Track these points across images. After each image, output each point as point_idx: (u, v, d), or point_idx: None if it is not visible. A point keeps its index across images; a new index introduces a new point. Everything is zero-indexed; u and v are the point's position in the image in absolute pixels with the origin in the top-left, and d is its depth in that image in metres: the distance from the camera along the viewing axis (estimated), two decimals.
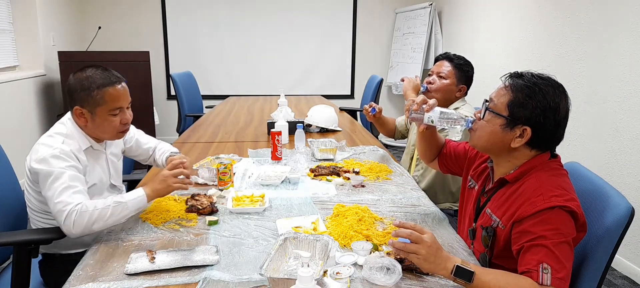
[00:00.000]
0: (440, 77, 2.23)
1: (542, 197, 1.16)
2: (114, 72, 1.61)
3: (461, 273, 1.10)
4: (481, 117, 1.31)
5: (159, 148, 1.97)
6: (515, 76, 1.27)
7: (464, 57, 2.28)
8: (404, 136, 2.65)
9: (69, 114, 1.64)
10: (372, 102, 2.43)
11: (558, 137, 1.26)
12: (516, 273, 1.14)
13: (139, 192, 1.48)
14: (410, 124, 2.51)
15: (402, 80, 2.32)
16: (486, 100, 1.32)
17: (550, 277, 1.09)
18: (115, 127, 1.61)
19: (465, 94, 2.27)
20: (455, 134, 1.93)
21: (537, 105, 1.21)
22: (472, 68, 2.27)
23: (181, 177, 1.54)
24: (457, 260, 1.12)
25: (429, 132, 1.64)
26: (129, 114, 1.64)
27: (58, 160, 1.47)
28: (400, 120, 2.63)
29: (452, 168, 1.69)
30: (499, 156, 1.33)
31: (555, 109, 1.22)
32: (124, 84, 1.62)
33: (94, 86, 1.54)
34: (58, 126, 1.61)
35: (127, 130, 1.68)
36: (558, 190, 1.17)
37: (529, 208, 1.17)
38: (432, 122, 1.47)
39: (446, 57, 2.27)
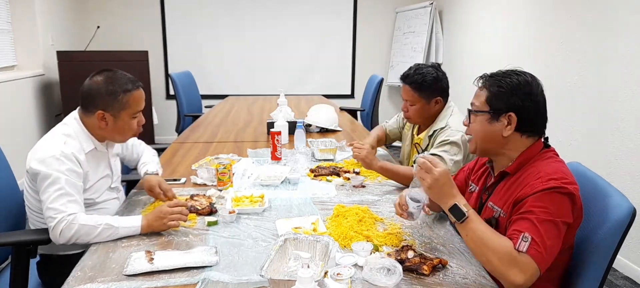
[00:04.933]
0: (409, 103, 2.09)
1: (540, 179, 1.20)
2: (132, 76, 1.64)
3: (455, 211, 1.21)
4: (469, 122, 1.38)
5: (143, 159, 1.95)
6: (485, 77, 1.36)
7: (424, 70, 2.04)
8: (397, 138, 2.51)
9: (74, 114, 1.63)
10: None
11: (541, 116, 1.31)
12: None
13: (134, 223, 1.44)
14: (404, 127, 2.41)
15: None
16: (469, 109, 1.39)
17: (528, 246, 1.12)
18: (133, 129, 1.64)
19: (446, 100, 2.10)
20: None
21: (511, 91, 1.28)
22: (434, 76, 2.03)
23: (178, 215, 1.48)
24: (461, 201, 1.22)
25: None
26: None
27: (58, 162, 1.46)
28: (391, 126, 2.48)
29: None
30: (497, 153, 1.36)
31: (527, 88, 1.28)
32: (142, 87, 1.66)
33: (120, 90, 1.57)
34: (61, 126, 1.61)
35: (140, 131, 1.70)
36: (556, 174, 1.20)
37: (527, 190, 1.21)
38: (417, 207, 1.38)
39: (404, 80, 2.07)
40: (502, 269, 1.13)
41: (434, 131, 2.06)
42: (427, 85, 2.03)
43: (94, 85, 1.57)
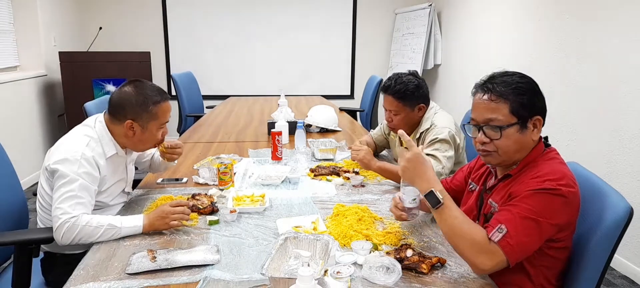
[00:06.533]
0: (392, 113, 2.11)
1: (537, 179, 1.21)
2: (160, 88, 1.69)
3: (431, 197, 1.23)
4: (494, 138, 1.29)
5: (156, 154, 2.01)
6: (492, 88, 1.28)
7: (404, 79, 2.06)
8: (384, 146, 2.49)
9: (100, 118, 1.66)
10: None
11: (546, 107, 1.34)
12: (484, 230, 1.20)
13: (136, 223, 1.46)
14: (389, 134, 2.41)
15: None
16: (478, 125, 1.31)
17: (501, 237, 1.15)
18: (157, 139, 1.69)
19: (428, 105, 2.12)
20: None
21: (531, 96, 1.28)
22: (415, 84, 2.05)
23: (180, 215, 1.49)
24: (437, 186, 1.24)
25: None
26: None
27: (77, 163, 1.49)
28: (376, 134, 2.47)
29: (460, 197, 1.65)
30: (519, 158, 1.32)
31: (537, 86, 1.30)
32: (169, 99, 1.71)
33: (150, 102, 1.61)
34: (84, 127, 1.64)
35: (162, 142, 1.74)
36: (554, 175, 1.21)
37: (522, 188, 1.22)
38: (413, 201, 1.39)
39: (386, 91, 2.09)
40: (471, 255, 1.18)
41: (421, 133, 2.09)
42: (410, 94, 2.05)
43: (125, 96, 1.61)
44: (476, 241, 1.17)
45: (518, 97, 1.26)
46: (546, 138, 1.36)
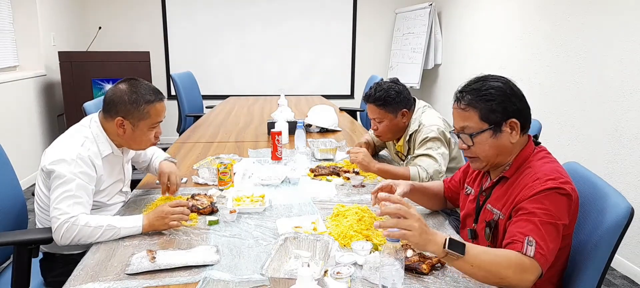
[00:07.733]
0: (377, 121, 2.13)
1: (539, 181, 1.21)
2: (155, 87, 1.67)
3: (454, 245, 1.10)
4: (468, 146, 1.34)
5: (155, 155, 1.99)
6: (461, 97, 1.33)
7: (385, 86, 2.08)
8: (383, 147, 2.47)
9: (95, 117, 1.66)
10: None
11: (529, 108, 1.33)
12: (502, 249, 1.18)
13: (136, 223, 1.46)
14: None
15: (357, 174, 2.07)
16: (457, 134, 1.37)
17: (534, 250, 1.13)
18: (150, 139, 1.67)
19: (411, 110, 2.12)
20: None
21: (501, 99, 1.28)
22: (396, 90, 2.07)
23: (179, 215, 1.48)
24: (445, 235, 1.13)
25: (419, 192, 1.61)
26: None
27: (73, 163, 1.48)
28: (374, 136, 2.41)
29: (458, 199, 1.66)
30: (506, 161, 1.34)
31: (510, 90, 1.30)
32: (165, 99, 1.68)
33: (142, 101, 1.59)
34: (79, 127, 1.63)
35: (157, 143, 1.72)
36: (554, 174, 1.22)
37: (527, 192, 1.22)
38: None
39: (367, 100, 2.12)
40: (518, 280, 1.12)
41: (410, 135, 2.10)
42: (391, 100, 2.07)
43: (118, 92, 1.60)
44: (517, 263, 1.12)
45: (486, 103, 1.28)
46: (536, 136, 1.37)
